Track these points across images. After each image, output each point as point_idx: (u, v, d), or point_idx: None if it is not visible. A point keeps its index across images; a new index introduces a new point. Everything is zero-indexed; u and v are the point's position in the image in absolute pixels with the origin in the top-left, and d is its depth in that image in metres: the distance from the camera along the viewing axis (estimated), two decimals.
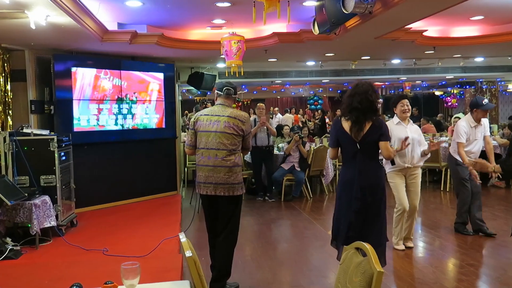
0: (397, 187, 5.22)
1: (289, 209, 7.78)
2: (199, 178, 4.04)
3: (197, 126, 4.07)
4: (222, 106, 4.11)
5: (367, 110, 3.85)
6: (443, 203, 8.08)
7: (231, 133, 3.99)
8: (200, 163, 4.03)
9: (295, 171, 8.41)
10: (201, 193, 4.05)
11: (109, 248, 5.26)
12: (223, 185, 3.97)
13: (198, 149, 4.07)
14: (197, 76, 9.64)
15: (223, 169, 3.96)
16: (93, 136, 7.51)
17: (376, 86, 18.63)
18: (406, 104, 5.23)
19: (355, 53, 9.48)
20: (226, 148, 3.97)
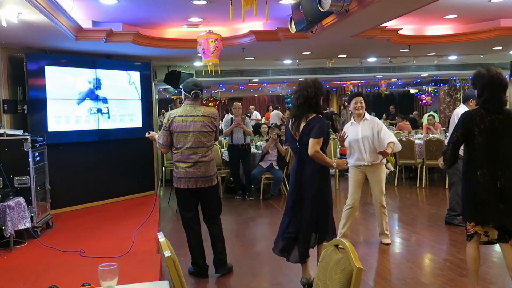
0: (350, 182, 5.35)
1: (268, 208, 7.79)
2: (179, 174, 4.32)
3: (172, 127, 4.30)
4: (193, 106, 4.37)
5: (302, 107, 3.88)
6: (419, 200, 8.19)
7: (207, 131, 4.32)
8: (180, 160, 4.30)
9: (274, 169, 8.42)
10: (181, 187, 4.34)
11: (86, 249, 5.18)
12: (204, 178, 4.33)
13: (177, 149, 4.32)
14: (174, 75, 9.58)
15: (203, 164, 4.31)
16: (69, 136, 7.39)
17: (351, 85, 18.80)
18: (360, 101, 5.28)
19: (331, 52, 9.53)
20: (204, 145, 4.30)
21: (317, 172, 3.88)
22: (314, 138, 3.80)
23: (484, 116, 3.43)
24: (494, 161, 3.40)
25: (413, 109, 20.17)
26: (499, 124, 3.41)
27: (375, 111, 20.39)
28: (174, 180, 4.38)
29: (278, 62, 11.16)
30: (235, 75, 12.81)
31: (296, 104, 3.92)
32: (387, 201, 5.75)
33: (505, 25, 7.61)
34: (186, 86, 4.42)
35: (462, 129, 3.49)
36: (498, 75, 3.48)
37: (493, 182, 3.39)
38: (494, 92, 3.43)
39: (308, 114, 3.88)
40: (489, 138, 3.41)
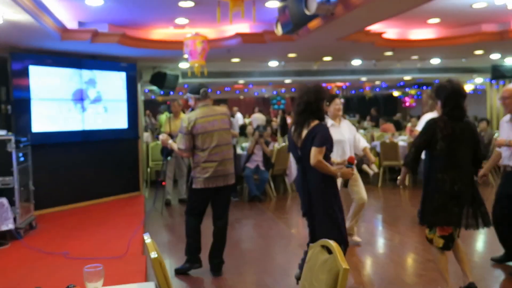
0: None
1: (253, 209, 7.79)
2: (205, 174, 4.39)
3: (195, 130, 4.36)
4: (208, 106, 4.48)
5: (303, 113, 3.76)
6: (402, 200, 8.26)
7: (227, 128, 4.51)
8: (208, 160, 4.39)
9: (260, 170, 8.43)
10: (209, 187, 4.42)
11: (70, 251, 5.13)
12: (230, 175, 4.52)
13: (203, 150, 4.39)
14: (159, 76, 9.54)
15: (229, 161, 4.50)
16: (53, 136, 7.31)
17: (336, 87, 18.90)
18: (340, 103, 5.23)
19: (317, 54, 9.57)
20: (228, 142, 4.50)
21: (320, 181, 3.75)
22: (317, 147, 3.66)
23: (447, 123, 3.65)
24: (454, 166, 3.63)
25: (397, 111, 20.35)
26: (460, 131, 3.65)
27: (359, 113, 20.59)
28: (199, 182, 4.41)
29: (264, 64, 11.17)
30: (220, 77, 12.79)
31: (297, 111, 3.81)
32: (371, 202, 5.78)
33: (487, 30, 7.72)
34: (192, 88, 4.51)
35: (426, 134, 3.71)
36: (459, 85, 3.72)
37: (451, 186, 3.61)
38: (457, 101, 3.68)
39: (310, 121, 3.75)
40: (450, 144, 3.63)
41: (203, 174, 4.41)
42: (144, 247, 5.11)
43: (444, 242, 3.73)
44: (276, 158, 8.57)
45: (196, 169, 4.44)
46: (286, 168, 8.91)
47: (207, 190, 4.45)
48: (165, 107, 11.94)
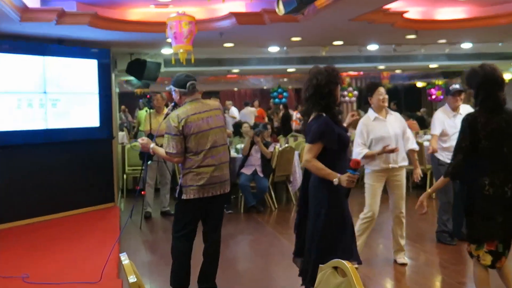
0: (372, 190, 5.28)
1: (251, 222, 7.77)
2: (200, 181, 4.38)
3: (188, 129, 4.33)
4: (199, 101, 4.49)
5: (312, 99, 3.82)
6: (428, 212, 8.24)
7: (223, 125, 4.57)
8: (203, 164, 4.39)
9: (258, 176, 8.41)
10: (203, 196, 4.40)
11: (31, 273, 5.09)
12: (226, 182, 4.56)
13: (196, 153, 4.37)
14: (138, 64, 9.50)
15: (225, 165, 4.53)
16: (9, 137, 7.27)
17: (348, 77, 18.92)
18: (384, 92, 5.32)
19: (326, 38, 9.56)
20: (224, 142, 4.54)
21: (319, 180, 3.77)
22: (308, 143, 3.74)
23: (488, 117, 3.60)
24: (502, 167, 3.57)
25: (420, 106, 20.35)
26: (506, 124, 3.60)
27: None
28: (192, 191, 4.38)
29: (263, 49, 11.16)
30: (211, 65, 12.77)
31: (305, 97, 3.87)
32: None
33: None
34: (178, 81, 4.48)
35: (469, 135, 3.63)
36: (494, 71, 3.65)
37: (502, 191, 3.56)
38: (491, 90, 3.62)
39: (313, 111, 3.82)
40: (495, 141, 3.57)
41: (197, 182, 4.37)
42: (120, 269, 5.07)
43: (492, 259, 3.65)
44: (278, 162, 8.55)
45: (187, 176, 4.39)
46: (289, 174, 8.89)
47: (201, 200, 4.41)
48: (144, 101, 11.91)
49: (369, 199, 5.30)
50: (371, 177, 5.32)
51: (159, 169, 8.20)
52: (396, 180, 5.33)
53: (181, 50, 6.56)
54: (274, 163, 8.54)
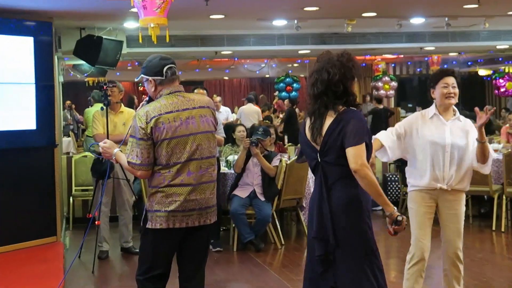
0: (415, 215, 5.26)
1: (247, 265, 7.81)
2: (170, 205, 4.36)
3: (158, 133, 4.31)
4: (179, 94, 4.48)
5: (322, 97, 3.91)
6: (495, 252, 8.25)
7: (211, 130, 4.53)
8: (174, 183, 4.36)
9: (257, 201, 8.40)
10: (175, 227, 4.39)
11: None
12: (209, 209, 4.51)
13: (167, 166, 4.36)
14: (90, 43, 9.52)
15: (209, 185, 4.50)
16: None
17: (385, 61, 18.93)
18: (452, 84, 5.25)
19: (352, 7, 9.61)
20: (210, 154, 4.51)
21: (347, 202, 3.88)
22: (355, 145, 3.78)
23: None
24: None
25: (484, 102, 20.42)
26: None
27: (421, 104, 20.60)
28: (159, 218, 4.36)
29: (265, 24, 11.19)
30: (192, 45, 12.80)
31: (312, 93, 3.94)
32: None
33: None
34: (151, 66, 4.46)
35: None
36: None
37: None
38: None
39: (336, 106, 3.90)
40: None
41: (166, 206, 4.36)
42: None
43: None
44: (285, 180, 8.57)
45: (155, 197, 4.39)
46: (301, 197, 8.90)
47: (173, 232, 4.40)
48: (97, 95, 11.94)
49: (415, 229, 5.27)
50: (414, 198, 5.30)
51: (119, 190, 8.16)
52: (449, 208, 5.32)
53: (152, 24, 6.58)
54: (280, 182, 8.55)
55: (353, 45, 13.31)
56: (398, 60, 20.43)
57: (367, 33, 13.07)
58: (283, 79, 18.76)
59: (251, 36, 12.94)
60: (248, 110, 15.58)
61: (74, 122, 18.49)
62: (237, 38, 12.99)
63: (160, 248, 4.46)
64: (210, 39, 12.90)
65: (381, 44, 13.53)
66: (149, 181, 4.47)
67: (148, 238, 4.47)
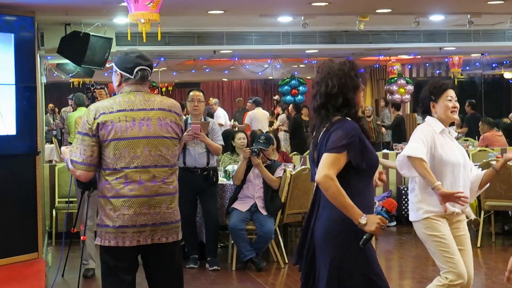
0: (446, 241, 5.24)
1: (247, 285, 7.83)
2: (120, 220, 4.27)
3: (105, 131, 4.25)
4: (142, 93, 4.41)
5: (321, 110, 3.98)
6: None
7: (171, 137, 4.41)
8: (122, 193, 4.27)
9: (258, 215, 8.41)
10: (125, 245, 4.28)
11: None
12: (165, 226, 4.39)
13: (114, 171, 4.28)
14: (76, 40, 9.54)
15: (165, 198, 4.37)
16: None
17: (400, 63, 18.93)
18: (455, 97, 5.31)
19: (365, 2, 9.63)
20: (167, 163, 4.39)
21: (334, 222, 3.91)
22: (328, 153, 3.82)
23: None
24: None
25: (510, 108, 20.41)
26: None
27: None
28: (106, 234, 4.31)
29: (268, 20, 11.21)
30: (188, 43, 12.81)
31: (314, 106, 4.02)
32: None
33: None
34: (123, 60, 4.43)
35: None
36: None
37: None
38: None
39: (332, 118, 3.93)
40: None
41: (114, 221, 4.29)
42: None
43: None
44: (290, 193, 8.58)
45: (103, 210, 4.34)
46: (307, 211, 8.89)
47: (123, 251, 4.32)
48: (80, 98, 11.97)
49: (449, 255, 5.23)
50: (435, 224, 5.27)
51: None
52: (459, 229, 5.32)
53: (143, 19, 6.60)
54: (284, 194, 8.56)
55: (365, 44, 13.34)
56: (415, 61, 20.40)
57: (381, 31, 13.08)
58: (288, 82, 18.70)
59: (253, 34, 12.94)
60: (258, 114, 15.60)
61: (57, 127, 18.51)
62: (238, 35, 13.00)
63: (114, 269, 4.39)
64: (208, 36, 12.91)
65: (397, 44, 13.53)
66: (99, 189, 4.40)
67: (101, 257, 4.44)
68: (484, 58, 18.66)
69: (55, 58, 12.00)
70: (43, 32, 10.04)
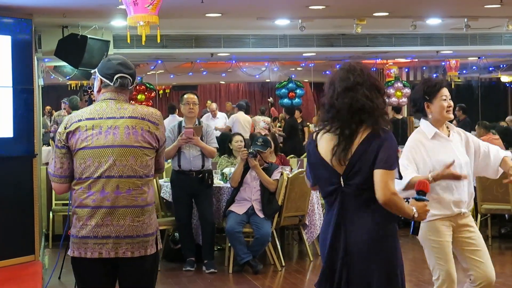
0: (442, 247, 5.23)
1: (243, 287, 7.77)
2: (83, 231, 4.14)
3: (73, 140, 4.14)
4: (115, 101, 4.26)
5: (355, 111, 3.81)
6: None
7: (141, 146, 4.18)
8: (85, 203, 4.13)
9: (255, 218, 8.41)
10: (85, 256, 4.14)
11: None
12: (130, 239, 4.14)
13: (80, 181, 4.17)
14: (74, 43, 9.52)
15: (130, 211, 4.14)
16: None
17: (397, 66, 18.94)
18: (449, 96, 5.23)
19: (362, 6, 9.62)
20: (134, 174, 4.16)
21: (384, 233, 3.88)
22: (388, 170, 3.75)
23: None
24: None
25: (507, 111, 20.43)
26: None
27: None
28: (73, 245, 4.22)
29: (266, 23, 11.21)
30: (186, 46, 12.81)
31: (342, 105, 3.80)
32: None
33: None
34: (104, 66, 4.31)
35: None
36: None
37: None
38: None
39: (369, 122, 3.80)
40: None
41: (78, 231, 4.18)
42: None
43: None
44: (287, 196, 8.59)
45: (71, 220, 4.27)
46: (304, 214, 8.90)
47: (88, 263, 4.19)
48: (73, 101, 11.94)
49: (444, 263, 5.20)
50: (437, 228, 5.26)
51: None
52: (469, 230, 5.25)
53: (142, 22, 6.59)
54: (281, 197, 8.56)
55: (362, 47, 13.35)
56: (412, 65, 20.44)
57: (378, 35, 13.09)
58: (285, 84, 18.69)
59: (251, 37, 12.95)
60: (243, 118, 15.67)
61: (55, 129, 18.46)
62: (235, 38, 13.01)
63: (82, 277, 4.31)
64: (206, 39, 12.92)
65: (394, 47, 13.54)
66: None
67: (74, 270, 4.32)
68: (481, 61, 18.68)
69: (53, 61, 12.00)
70: (40, 34, 10.03)
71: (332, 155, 3.82)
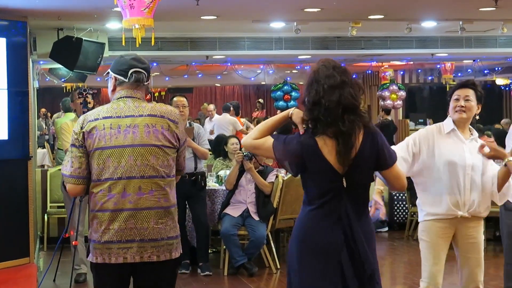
0: (432, 250, 5.22)
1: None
2: (106, 235, 4.05)
3: (91, 140, 4.06)
4: (133, 99, 4.17)
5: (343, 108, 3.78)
6: None
7: (161, 145, 4.11)
8: (106, 207, 4.06)
9: (250, 220, 8.41)
10: (111, 262, 4.07)
11: None
12: (155, 243, 4.08)
13: (99, 182, 4.08)
14: (69, 45, 9.51)
15: (154, 213, 4.08)
16: None
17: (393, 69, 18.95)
18: (466, 96, 5.17)
19: (357, 9, 9.63)
20: (156, 174, 4.09)
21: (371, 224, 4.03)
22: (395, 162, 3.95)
23: None
24: None
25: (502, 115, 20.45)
26: None
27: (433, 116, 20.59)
28: (96, 250, 4.11)
29: (261, 26, 11.21)
30: (181, 48, 12.80)
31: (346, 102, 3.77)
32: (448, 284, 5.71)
33: None
34: (117, 62, 4.25)
35: None
36: None
37: None
38: None
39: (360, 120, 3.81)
40: None
41: (100, 236, 4.08)
42: None
43: None
44: (282, 198, 8.60)
45: (92, 225, 4.16)
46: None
47: (111, 269, 4.11)
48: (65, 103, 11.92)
49: (430, 265, 5.21)
50: (430, 229, 5.23)
51: None
52: (468, 237, 5.24)
53: (137, 25, 6.59)
54: (276, 200, 8.56)
55: (358, 50, 13.36)
56: (407, 67, 20.44)
57: (374, 37, 13.10)
58: (280, 87, 18.66)
59: (246, 39, 12.95)
60: (224, 120, 15.71)
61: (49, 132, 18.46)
62: (231, 41, 13.00)
63: (102, 283, 4.23)
64: (201, 42, 12.91)
65: (389, 50, 13.54)
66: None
67: (94, 275, 4.23)
68: (476, 64, 18.73)
69: (48, 63, 11.98)
70: (35, 36, 10.02)
71: (335, 155, 3.80)
